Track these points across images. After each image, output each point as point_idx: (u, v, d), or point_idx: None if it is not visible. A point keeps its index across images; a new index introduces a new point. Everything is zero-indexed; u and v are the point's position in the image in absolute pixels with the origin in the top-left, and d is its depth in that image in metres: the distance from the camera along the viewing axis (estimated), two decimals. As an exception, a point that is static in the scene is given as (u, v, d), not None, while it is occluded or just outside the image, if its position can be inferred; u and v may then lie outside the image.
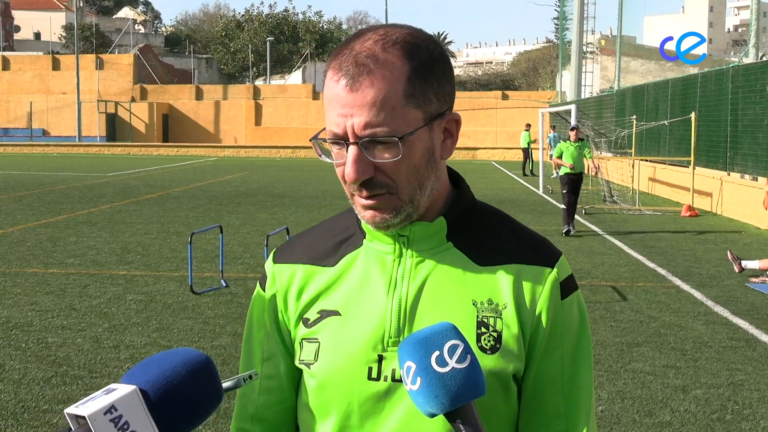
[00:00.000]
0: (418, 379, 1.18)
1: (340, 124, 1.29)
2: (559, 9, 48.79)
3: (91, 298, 8.77)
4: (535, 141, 30.69)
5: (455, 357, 1.18)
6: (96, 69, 57.69)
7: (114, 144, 51.35)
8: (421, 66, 1.32)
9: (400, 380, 1.34)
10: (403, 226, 1.38)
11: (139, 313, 8.13)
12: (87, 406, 1.04)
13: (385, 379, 1.36)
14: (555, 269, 1.42)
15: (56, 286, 9.35)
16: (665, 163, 22.96)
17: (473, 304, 1.38)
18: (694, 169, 19.21)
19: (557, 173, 30.24)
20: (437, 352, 1.18)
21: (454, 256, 1.41)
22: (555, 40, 61.18)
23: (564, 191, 14.36)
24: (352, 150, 1.29)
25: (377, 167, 1.31)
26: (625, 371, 6.43)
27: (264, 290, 1.50)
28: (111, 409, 1.04)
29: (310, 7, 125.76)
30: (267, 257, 1.57)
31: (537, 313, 1.39)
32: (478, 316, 1.37)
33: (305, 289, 1.45)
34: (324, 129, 1.37)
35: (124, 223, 15.18)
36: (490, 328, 1.36)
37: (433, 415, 1.19)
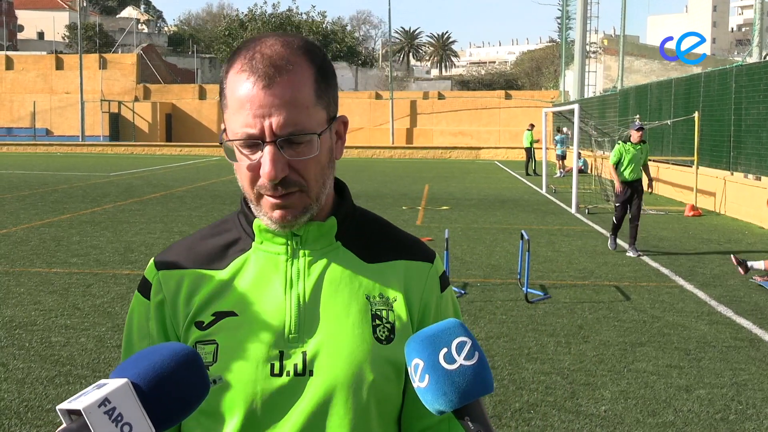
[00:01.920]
0: (426, 376, 1.18)
1: (256, 124, 1.32)
2: (562, 8, 48.70)
3: (95, 298, 8.78)
4: (538, 141, 30.64)
5: (463, 354, 1.18)
6: (99, 69, 57.67)
7: (117, 143, 51.35)
8: (322, 69, 1.39)
9: (303, 374, 1.39)
10: (300, 226, 1.44)
11: (142, 313, 8.12)
12: (80, 401, 1.05)
13: (288, 374, 1.39)
14: (435, 265, 1.54)
15: (60, 286, 9.36)
16: (668, 163, 22.94)
17: (367, 299, 1.45)
18: (697, 168, 19.19)
19: (561, 173, 30.31)
20: (445, 349, 1.19)
21: (343, 255, 1.48)
22: (558, 40, 61.10)
23: (617, 204, 12.37)
24: (270, 149, 1.33)
25: (290, 166, 1.35)
26: (628, 371, 6.43)
27: (148, 298, 1.49)
28: (105, 401, 1.05)
29: (313, 6, 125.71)
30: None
31: (423, 304, 1.49)
32: (372, 310, 1.44)
33: (195, 293, 1.45)
34: (224, 131, 1.39)
35: (127, 222, 15.19)
36: (384, 320, 1.44)
37: (441, 412, 1.19)
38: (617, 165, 12.14)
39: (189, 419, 1.44)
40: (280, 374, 1.39)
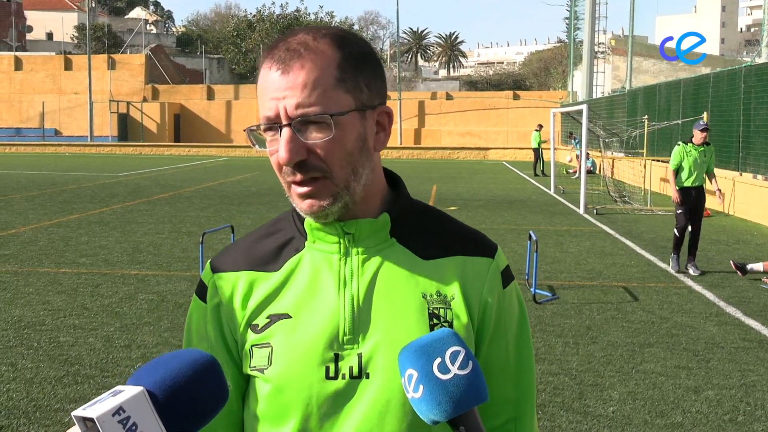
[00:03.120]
0: (420, 386, 1.17)
1: (273, 107, 1.32)
2: (570, 9, 48.62)
3: (103, 298, 8.80)
4: (546, 141, 30.62)
5: (457, 363, 1.17)
6: (108, 69, 57.84)
7: (126, 144, 51.48)
8: (352, 55, 1.36)
9: (358, 377, 1.37)
10: (348, 223, 1.41)
11: (150, 313, 8.15)
12: (95, 408, 1.04)
13: (343, 377, 1.37)
14: (496, 260, 1.49)
15: (68, 286, 9.39)
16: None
17: (423, 297, 1.41)
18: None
19: (576, 173, 30.22)
20: (439, 359, 1.17)
21: (399, 252, 1.44)
22: (566, 40, 61.01)
23: (678, 212, 10.84)
24: (285, 132, 1.32)
25: (310, 150, 1.33)
26: (636, 372, 6.41)
27: (205, 301, 1.49)
28: (119, 410, 1.04)
29: (321, 7, 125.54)
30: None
31: (483, 302, 1.44)
32: (429, 309, 1.40)
33: (251, 295, 1.44)
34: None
35: (135, 222, 15.22)
36: (442, 319, 1.40)
37: (436, 423, 1.18)
38: (677, 170, 10.72)
39: (245, 424, 1.44)
40: (336, 377, 1.37)
